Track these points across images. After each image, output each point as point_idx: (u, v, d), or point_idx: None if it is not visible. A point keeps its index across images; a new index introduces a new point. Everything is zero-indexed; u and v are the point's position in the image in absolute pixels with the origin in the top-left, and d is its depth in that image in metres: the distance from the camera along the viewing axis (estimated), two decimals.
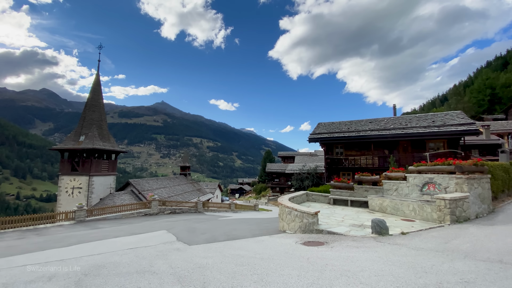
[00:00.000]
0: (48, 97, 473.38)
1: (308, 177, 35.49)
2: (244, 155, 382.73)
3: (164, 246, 6.88)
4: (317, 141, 19.59)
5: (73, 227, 11.19)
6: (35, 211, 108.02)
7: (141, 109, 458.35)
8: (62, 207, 25.15)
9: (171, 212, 16.91)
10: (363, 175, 12.31)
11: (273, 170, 53.07)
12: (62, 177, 26.04)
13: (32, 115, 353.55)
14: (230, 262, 5.22)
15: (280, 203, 9.34)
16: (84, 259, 5.80)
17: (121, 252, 6.27)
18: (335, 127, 20.50)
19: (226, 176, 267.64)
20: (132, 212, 14.61)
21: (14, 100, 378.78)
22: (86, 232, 9.78)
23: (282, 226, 9.10)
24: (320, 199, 12.80)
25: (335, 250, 5.86)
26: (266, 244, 6.79)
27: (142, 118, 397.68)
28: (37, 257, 6.21)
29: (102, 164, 27.33)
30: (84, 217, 12.45)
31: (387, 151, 18.73)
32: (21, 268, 5.25)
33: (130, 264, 5.25)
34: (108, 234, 9.21)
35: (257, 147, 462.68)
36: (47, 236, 9.31)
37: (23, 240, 8.65)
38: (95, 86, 29.95)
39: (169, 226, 10.82)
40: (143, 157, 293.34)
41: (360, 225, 8.23)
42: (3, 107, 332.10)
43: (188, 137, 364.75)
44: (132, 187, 29.01)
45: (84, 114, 28.62)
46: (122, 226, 11.38)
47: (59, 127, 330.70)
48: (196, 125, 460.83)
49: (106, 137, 28.98)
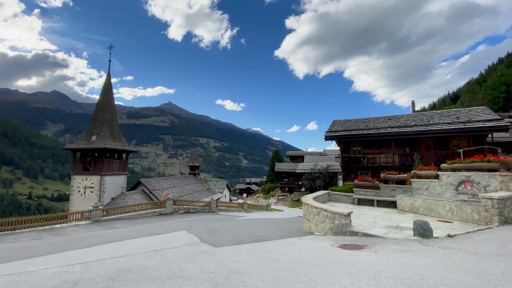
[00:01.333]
0: (58, 99, 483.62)
1: (319, 176, 34.75)
2: (250, 155, 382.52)
3: (189, 248, 6.44)
4: (333, 139, 18.94)
5: (89, 227, 10.91)
6: (47, 210, 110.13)
7: (148, 109, 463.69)
8: (75, 206, 25.17)
9: (185, 211, 16.57)
10: (389, 173, 11.66)
11: (282, 169, 52.41)
12: (74, 176, 26.07)
13: (43, 117, 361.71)
14: (267, 267, 4.74)
15: (305, 203, 8.81)
16: (108, 262, 5.41)
17: (145, 255, 5.86)
18: (352, 125, 19.81)
19: (232, 176, 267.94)
20: (147, 211, 14.31)
21: (26, 102, 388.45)
22: (103, 232, 9.46)
23: (308, 227, 8.56)
24: (343, 199, 12.20)
25: (380, 255, 5.31)
26: (298, 247, 6.27)
27: (149, 118, 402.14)
28: (58, 259, 5.85)
29: (113, 163, 27.27)
30: (99, 217, 12.19)
31: (407, 149, 17.94)
32: (42, 272, 4.88)
33: (159, 268, 4.82)
34: (127, 234, 8.85)
35: (263, 147, 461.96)
36: (65, 236, 9.02)
37: (40, 240, 8.36)
38: (106, 86, 29.96)
39: (188, 226, 10.41)
40: (151, 157, 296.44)
41: (396, 227, 7.62)
42: (15, 109, 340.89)
43: (195, 137, 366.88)
44: (143, 187, 28.90)
45: (95, 114, 28.63)
46: (139, 226, 11.03)
47: (69, 128, 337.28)
48: (203, 125, 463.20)
49: (117, 136, 28.93)
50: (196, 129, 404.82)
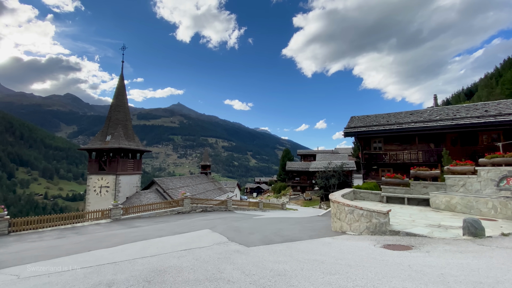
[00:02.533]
0: (71, 102, 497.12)
1: (334, 175, 33.93)
2: (259, 154, 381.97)
3: (220, 247, 6.09)
4: (353, 135, 18.29)
5: (110, 225, 10.77)
6: (62, 210, 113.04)
7: (158, 110, 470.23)
8: (91, 205, 25.43)
9: (202, 210, 16.33)
10: (421, 169, 11.00)
11: (293, 168, 51.75)
12: (90, 176, 26.36)
13: (57, 119, 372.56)
14: (312, 269, 4.31)
15: (335, 201, 8.33)
16: (139, 262, 5.11)
17: (176, 254, 5.54)
18: (372, 120, 19.08)
19: (241, 176, 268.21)
20: (165, 210, 14.15)
21: (41, 105, 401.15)
22: (125, 231, 9.26)
23: (339, 227, 8.07)
24: (369, 197, 11.62)
25: (435, 256, 4.80)
26: (337, 248, 5.82)
27: (159, 119, 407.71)
28: (85, 258, 5.61)
29: (128, 163, 27.43)
30: (119, 216, 12.07)
31: (432, 144, 17.09)
32: (72, 273, 4.62)
33: (195, 269, 4.48)
34: (150, 233, 8.61)
35: (271, 146, 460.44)
36: (87, 235, 8.86)
37: (64, 239, 8.22)
38: (120, 86, 30.18)
39: (210, 225, 10.10)
40: (161, 157, 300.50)
41: (439, 226, 7.05)
42: (31, 112, 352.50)
43: (203, 137, 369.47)
44: (157, 186, 28.98)
45: (109, 114, 28.87)
46: (160, 224, 10.81)
47: (82, 129, 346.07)
48: (211, 125, 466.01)
49: (131, 136, 29.10)
50: (205, 129, 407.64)
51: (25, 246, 7.32)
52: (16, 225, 9.70)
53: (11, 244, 7.62)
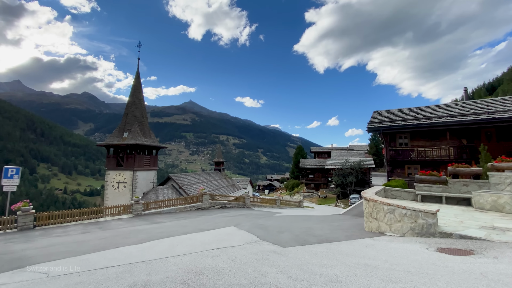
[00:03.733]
0: (88, 100, 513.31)
1: (351, 172, 32.90)
2: (270, 151, 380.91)
3: (253, 247, 5.67)
4: (377, 131, 17.41)
5: (132, 221, 10.62)
6: (80, 204, 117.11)
7: (171, 108, 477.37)
8: (109, 200, 25.81)
9: (221, 206, 16.07)
10: (460, 166, 10.14)
11: (307, 165, 50.84)
12: (108, 172, 26.72)
13: (75, 117, 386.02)
14: (367, 275, 3.80)
15: (370, 199, 7.72)
16: (171, 261, 4.76)
17: (209, 254, 5.16)
18: (397, 115, 18.10)
19: (252, 173, 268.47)
20: (185, 206, 13.94)
21: (60, 103, 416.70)
22: (149, 227, 9.03)
23: (376, 227, 7.47)
24: (402, 195, 10.89)
25: (506, 262, 4.17)
26: (385, 251, 5.26)
27: (172, 117, 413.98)
28: (114, 255, 5.34)
29: (144, 159, 27.61)
30: (140, 211, 11.94)
31: (465, 140, 15.97)
32: (103, 272, 4.32)
33: (234, 272, 4.06)
34: (174, 229, 8.33)
35: (282, 144, 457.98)
36: (111, 230, 8.70)
37: (88, 234, 8.07)
38: (136, 83, 30.35)
39: (233, 222, 9.73)
40: (174, 154, 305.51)
41: (493, 228, 6.32)
42: (51, 110, 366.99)
43: (215, 134, 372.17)
44: (172, 182, 29.09)
45: (126, 111, 29.12)
46: (182, 220, 10.55)
47: (98, 127, 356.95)
48: (223, 123, 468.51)
49: (147, 133, 29.27)
50: (216, 127, 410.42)
51: (51, 241, 7.20)
52: (40, 219, 9.70)
53: (37, 239, 7.53)
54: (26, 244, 6.76)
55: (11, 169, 9.98)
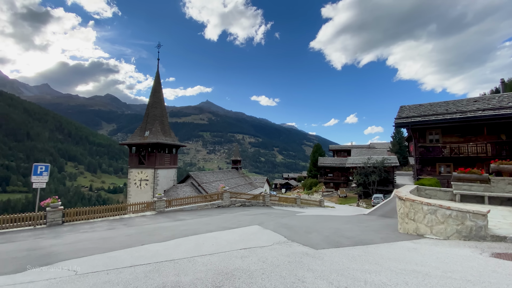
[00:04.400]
0: (111, 101, 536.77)
1: (374, 171, 31.56)
2: (285, 150, 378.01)
3: (283, 248, 5.33)
4: (406, 126, 16.38)
5: (155, 218, 10.67)
6: (104, 201, 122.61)
7: (188, 108, 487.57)
8: (132, 197, 26.55)
9: (241, 204, 15.88)
10: (505, 163, 9.17)
11: (326, 164, 49.60)
12: (131, 170, 27.48)
13: (99, 118, 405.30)
14: (420, 284, 3.34)
15: (408, 199, 7.11)
16: (199, 261, 4.54)
17: (237, 254, 4.89)
18: (426, 110, 16.94)
19: (267, 171, 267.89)
20: (206, 203, 13.90)
21: (85, 105, 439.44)
22: (172, 224, 8.97)
23: (414, 229, 6.86)
24: (437, 194, 10.08)
25: None
26: (432, 255, 4.71)
27: (189, 117, 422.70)
28: (141, 253, 5.22)
29: (165, 157, 28.11)
30: (163, 208, 12.01)
31: (504, 136, 14.61)
32: (131, 271, 4.17)
33: (267, 275, 3.75)
34: (198, 227, 8.18)
35: (298, 142, 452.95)
36: (136, 227, 8.72)
37: (114, 231, 8.11)
38: (156, 83, 30.96)
39: (256, 221, 9.44)
40: (191, 153, 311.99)
41: None
42: (76, 112, 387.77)
43: (231, 133, 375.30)
44: (192, 180, 29.41)
45: (147, 110, 29.78)
46: (204, 218, 10.44)
47: (120, 127, 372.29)
48: (238, 121, 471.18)
49: (168, 132, 29.77)
50: (232, 126, 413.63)
51: (79, 237, 7.29)
52: (68, 215, 9.97)
53: (65, 235, 7.66)
54: (55, 240, 6.88)
55: (40, 166, 10.34)
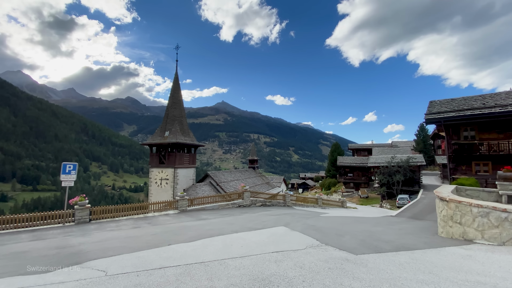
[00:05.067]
0: (131, 104, 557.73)
1: (398, 170, 30.05)
2: (301, 150, 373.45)
3: (318, 252, 4.93)
4: (437, 122, 15.28)
5: (178, 216, 10.62)
6: (126, 199, 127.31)
7: (205, 109, 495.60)
8: (153, 196, 27.08)
9: (262, 204, 15.59)
10: None
11: (346, 163, 48.10)
12: (152, 169, 28.04)
13: (120, 120, 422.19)
14: None
15: (453, 200, 6.44)
16: (230, 264, 4.26)
17: (270, 258, 4.56)
18: (459, 104, 15.71)
19: (283, 171, 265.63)
20: (227, 203, 13.76)
21: (107, 108, 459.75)
22: (196, 224, 8.83)
23: (461, 233, 6.19)
24: (480, 195, 9.19)
25: None
26: (495, 264, 4.12)
27: (206, 117, 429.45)
28: (169, 254, 5.03)
29: (184, 157, 28.43)
30: (185, 207, 11.98)
31: None
32: (161, 273, 3.96)
33: (309, 282, 3.38)
34: (222, 227, 7.96)
35: (314, 142, 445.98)
36: (160, 226, 8.66)
37: (139, 229, 8.08)
38: (175, 84, 31.41)
39: (281, 221, 9.08)
40: (208, 153, 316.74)
41: None
42: (100, 114, 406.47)
43: (246, 133, 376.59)
44: (210, 179, 29.54)
45: (167, 111, 30.27)
46: (226, 218, 10.24)
47: (141, 128, 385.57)
48: (253, 121, 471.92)
49: (186, 132, 30.10)
50: (247, 126, 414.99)
51: (106, 235, 7.30)
52: (95, 213, 10.15)
53: (92, 233, 7.72)
54: (83, 238, 6.91)
55: (68, 165, 10.62)
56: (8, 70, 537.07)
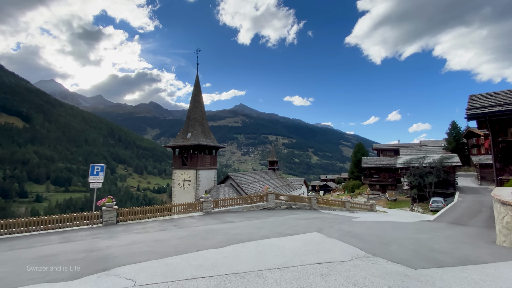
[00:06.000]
0: (154, 108, 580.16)
1: (431, 171, 27.93)
2: (321, 151, 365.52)
3: (368, 265, 4.27)
4: (481, 118, 13.74)
5: (204, 219, 10.33)
6: (150, 200, 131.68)
7: (223, 112, 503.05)
8: (176, 197, 27.36)
9: (287, 207, 14.96)
10: None
11: (371, 164, 45.90)
12: (174, 171, 28.39)
13: (144, 124, 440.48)
14: None
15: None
16: (269, 277, 3.74)
17: (313, 270, 3.99)
18: (505, 97, 14.04)
19: (302, 173, 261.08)
20: (251, 205, 13.30)
21: (132, 112, 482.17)
22: (223, 227, 8.44)
23: None
24: None
25: None
26: None
27: (224, 120, 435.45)
28: (199, 261, 4.63)
29: (205, 158, 28.51)
30: (210, 209, 11.70)
31: None
32: (193, 284, 3.54)
33: None
34: (250, 231, 7.49)
35: (334, 142, 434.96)
36: (186, 228, 8.37)
37: (166, 232, 7.84)
38: (196, 87, 31.73)
39: (313, 227, 8.43)
40: (227, 155, 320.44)
41: None
42: (125, 119, 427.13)
43: (264, 135, 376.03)
44: (231, 180, 29.34)
45: (189, 113, 30.62)
46: (253, 221, 9.77)
47: (163, 132, 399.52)
48: (271, 123, 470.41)
49: (208, 133, 30.22)
50: (265, 127, 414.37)
51: (133, 238, 7.11)
52: (122, 215, 10.14)
53: (120, 235, 7.59)
54: (111, 241, 6.76)
55: (96, 166, 10.72)
56: (42, 79, 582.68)
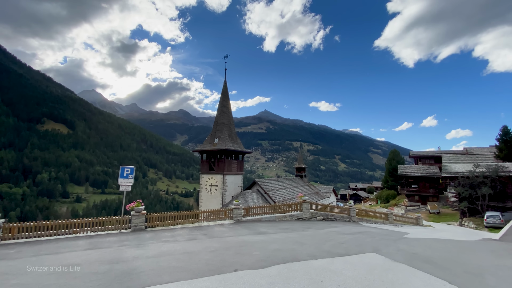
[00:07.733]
0: (183, 116, 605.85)
1: (485, 182, 24.43)
2: (348, 158, 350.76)
3: None
4: None
5: (234, 228, 9.45)
6: (178, 204, 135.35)
7: (248, 118, 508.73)
8: (203, 202, 27.08)
9: (323, 218, 13.55)
10: None
11: (409, 173, 42.09)
12: (202, 175, 28.23)
13: (174, 130, 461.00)
14: None
15: None
16: None
17: None
18: None
19: (329, 181, 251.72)
20: (284, 215, 12.18)
21: (162, 120, 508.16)
22: (257, 239, 7.48)
23: None
24: None
25: None
26: None
27: (249, 126, 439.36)
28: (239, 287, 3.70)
29: (232, 163, 28.00)
30: (241, 217, 10.84)
31: None
32: None
33: None
34: (292, 248, 6.40)
35: (363, 150, 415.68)
36: (217, 239, 7.54)
37: (196, 242, 7.07)
38: (224, 92, 31.68)
39: (365, 244, 7.12)
40: (251, 161, 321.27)
41: None
42: (157, 126, 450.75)
43: (288, 141, 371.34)
44: (258, 187, 28.38)
45: (216, 119, 30.54)
46: (289, 233, 8.67)
47: (191, 138, 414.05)
48: (296, 129, 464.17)
49: (234, 139, 29.81)
50: (290, 134, 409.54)
51: (161, 248, 6.43)
52: (151, 220, 9.66)
53: (147, 244, 6.97)
54: (138, 250, 6.12)
55: (126, 168, 10.47)
56: (85, 90, 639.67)
